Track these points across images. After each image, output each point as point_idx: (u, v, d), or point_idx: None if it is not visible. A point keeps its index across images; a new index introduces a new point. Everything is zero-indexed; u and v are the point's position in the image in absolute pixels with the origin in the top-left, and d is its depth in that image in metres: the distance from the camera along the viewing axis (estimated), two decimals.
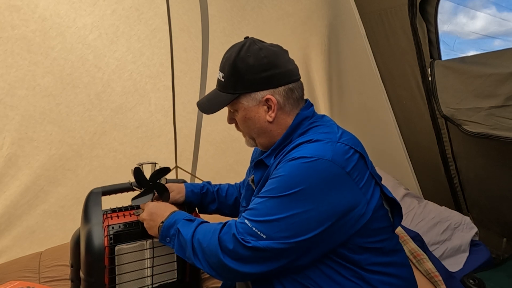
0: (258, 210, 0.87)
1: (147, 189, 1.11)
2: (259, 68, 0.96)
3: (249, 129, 1.04)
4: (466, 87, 1.77)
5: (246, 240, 0.84)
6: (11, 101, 1.72)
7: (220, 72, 1.02)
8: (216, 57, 2.10)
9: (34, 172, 1.84)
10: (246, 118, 1.01)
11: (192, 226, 0.94)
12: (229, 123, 1.09)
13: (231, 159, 2.46)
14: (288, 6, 2.31)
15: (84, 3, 1.76)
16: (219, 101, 1.01)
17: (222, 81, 1.01)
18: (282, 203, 0.85)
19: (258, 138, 1.04)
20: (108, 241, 1.04)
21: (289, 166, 0.87)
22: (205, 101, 1.06)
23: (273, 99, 0.98)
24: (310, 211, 0.83)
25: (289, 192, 0.84)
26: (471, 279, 1.72)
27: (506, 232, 2.05)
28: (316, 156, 0.85)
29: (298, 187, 0.84)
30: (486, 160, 1.94)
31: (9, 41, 1.65)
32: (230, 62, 0.98)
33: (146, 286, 1.11)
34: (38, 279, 1.63)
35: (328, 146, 0.88)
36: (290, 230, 0.83)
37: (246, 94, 0.99)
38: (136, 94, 2.04)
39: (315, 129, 0.98)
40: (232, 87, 0.99)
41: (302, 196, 0.84)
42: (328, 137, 0.92)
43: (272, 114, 0.99)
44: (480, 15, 1.83)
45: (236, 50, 0.98)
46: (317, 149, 0.88)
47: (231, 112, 1.06)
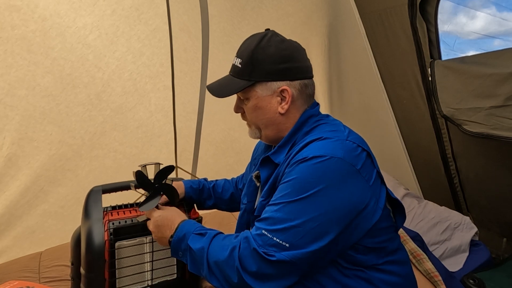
0: (275, 219, 0.83)
1: (153, 193, 1.04)
2: (278, 59, 0.96)
3: (257, 119, 1.02)
4: (466, 87, 1.77)
5: (269, 254, 0.79)
6: (11, 101, 1.72)
7: (237, 58, 1.01)
8: (216, 57, 2.10)
9: (34, 172, 1.84)
10: (257, 107, 1.00)
11: (204, 241, 0.89)
12: (235, 112, 1.08)
13: (231, 159, 2.46)
14: (288, 6, 2.32)
15: (84, 3, 1.76)
16: (233, 86, 0.99)
17: (238, 67, 1.00)
18: (301, 207, 0.81)
19: (265, 130, 1.02)
20: (108, 235, 1.05)
21: (302, 167, 0.84)
22: (216, 85, 1.04)
23: (289, 90, 0.97)
24: (330, 212, 0.81)
25: (306, 195, 0.81)
26: (471, 279, 1.72)
27: (506, 232, 2.05)
28: (328, 155, 0.83)
29: (315, 189, 0.81)
30: (486, 160, 1.94)
31: (9, 41, 1.65)
32: (250, 49, 0.97)
33: (145, 281, 1.12)
34: (38, 279, 1.63)
35: (338, 144, 0.87)
36: (312, 234, 0.80)
37: (261, 83, 0.97)
38: (136, 94, 2.04)
39: (321, 127, 0.97)
40: (248, 74, 0.98)
41: (320, 197, 0.81)
42: (336, 135, 0.90)
43: (285, 106, 0.98)
44: (480, 15, 1.83)
45: (258, 39, 0.98)
46: (327, 147, 0.86)
47: (241, 100, 1.04)
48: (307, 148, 0.88)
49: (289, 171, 0.87)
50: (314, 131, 0.96)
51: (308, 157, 0.84)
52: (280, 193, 0.86)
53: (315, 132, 0.95)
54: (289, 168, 0.87)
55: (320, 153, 0.84)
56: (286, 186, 0.85)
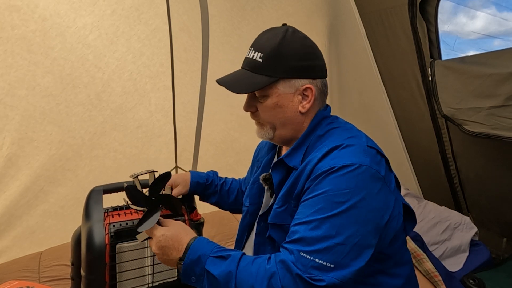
0: (313, 238, 0.75)
1: (151, 208, 0.91)
2: (303, 55, 0.92)
3: (275, 118, 0.95)
4: (466, 87, 1.77)
5: (315, 278, 0.72)
6: (11, 101, 1.72)
7: (257, 52, 0.92)
8: (216, 57, 2.10)
9: (34, 172, 1.84)
10: (277, 106, 0.93)
11: (228, 265, 0.79)
12: (245, 110, 0.99)
13: (231, 159, 2.46)
14: (288, 6, 2.32)
15: (84, 3, 1.76)
16: (254, 82, 0.91)
17: (258, 62, 0.91)
18: (340, 222, 0.75)
19: (281, 129, 0.96)
20: (109, 238, 1.04)
21: (332, 179, 0.79)
22: (232, 80, 0.95)
23: (314, 89, 0.93)
24: (369, 223, 0.77)
25: (344, 208, 0.76)
26: (471, 279, 1.72)
27: (506, 232, 2.05)
28: (356, 163, 0.79)
29: (351, 200, 0.76)
30: (486, 160, 1.94)
31: (9, 41, 1.65)
32: (274, 43, 0.91)
33: (146, 284, 1.11)
34: (38, 278, 1.63)
35: (362, 151, 0.83)
36: (356, 250, 0.75)
37: (285, 80, 0.91)
38: (136, 94, 2.04)
39: (337, 132, 0.93)
40: (272, 70, 0.91)
41: (358, 209, 0.76)
42: (356, 141, 0.86)
43: (307, 105, 0.93)
44: (480, 15, 1.83)
45: (281, 33, 0.92)
46: (353, 155, 0.81)
47: (255, 97, 0.96)
48: (330, 157, 0.83)
49: (316, 183, 0.81)
50: (330, 136, 0.92)
51: (337, 167, 0.79)
52: (311, 209, 0.79)
53: (332, 138, 0.90)
54: (315, 181, 0.81)
55: (348, 162, 0.79)
56: (317, 200, 0.79)
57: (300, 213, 0.81)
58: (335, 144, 0.86)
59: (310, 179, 0.83)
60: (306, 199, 0.82)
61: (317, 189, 0.80)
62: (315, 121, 0.96)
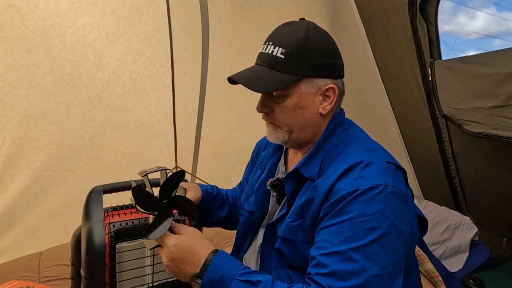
0: (347, 272, 0.70)
1: (162, 212, 0.79)
2: (327, 53, 0.86)
3: (293, 120, 0.87)
4: (466, 87, 1.77)
5: None
6: (11, 101, 1.72)
7: (277, 47, 0.84)
8: (216, 57, 2.10)
9: (34, 172, 1.84)
10: (298, 106, 0.86)
11: None
12: (259, 111, 0.90)
13: (231, 159, 2.46)
14: (288, 6, 2.32)
15: (84, 3, 1.76)
16: (276, 80, 0.83)
17: (279, 58, 0.83)
18: (374, 250, 0.71)
19: (298, 132, 0.88)
20: (109, 238, 1.04)
21: (358, 203, 0.73)
22: (250, 77, 0.86)
23: (336, 89, 0.87)
24: (400, 247, 0.74)
25: (376, 236, 0.71)
26: (471, 279, 1.72)
27: (506, 232, 2.05)
28: (381, 184, 0.74)
29: (382, 226, 0.71)
30: (486, 160, 1.94)
31: (9, 41, 1.65)
32: (298, 38, 0.83)
33: (146, 284, 1.11)
34: (38, 278, 1.63)
35: (383, 169, 0.78)
36: (391, 277, 0.71)
37: (308, 78, 0.84)
38: (136, 94, 2.04)
39: (352, 142, 0.87)
40: (295, 67, 0.83)
41: (390, 234, 0.72)
42: (375, 157, 0.81)
43: (328, 106, 0.87)
44: (480, 15, 1.83)
45: (304, 28, 0.85)
46: (377, 174, 0.77)
47: (271, 97, 0.88)
48: (352, 177, 0.77)
49: (341, 208, 0.75)
50: (346, 148, 0.86)
51: (362, 190, 0.74)
52: (339, 237, 0.73)
53: (350, 151, 0.84)
54: (338, 204, 0.75)
55: (373, 183, 0.74)
56: (344, 227, 0.73)
57: (325, 242, 0.74)
58: (354, 160, 0.80)
59: (331, 202, 0.76)
60: (330, 225, 0.75)
61: (343, 214, 0.74)
62: (331, 126, 0.90)
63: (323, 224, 0.78)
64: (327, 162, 0.86)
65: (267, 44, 0.87)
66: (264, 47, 0.87)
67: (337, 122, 0.91)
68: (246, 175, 1.21)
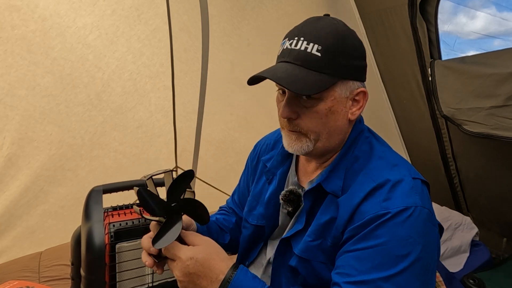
0: None
1: (170, 217, 0.71)
2: (361, 54, 0.79)
3: (322, 127, 0.78)
4: (466, 87, 1.77)
5: None
6: (11, 101, 1.72)
7: (312, 43, 0.74)
8: (216, 57, 2.10)
9: (34, 172, 1.84)
10: (330, 112, 0.77)
11: None
12: (286, 116, 0.78)
13: (231, 159, 2.45)
14: (288, 6, 2.32)
15: (84, 3, 1.76)
16: (317, 81, 0.73)
17: (316, 56, 0.73)
18: (405, 280, 0.66)
19: (326, 140, 0.79)
20: (109, 238, 1.04)
21: (389, 227, 0.68)
22: (287, 77, 0.74)
23: (367, 93, 0.80)
24: (429, 272, 0.70)
25: (408, 264, 0.66)
26: (471, 279, 1.72)
27: (506, 232, 2.05)
28: (411, 205, 0.69)
29: (414, 252, 0.66)
30: (486, 160, 1.94)
31: (9, 41, 1.65)
32: (335, 35, 0.75)
33: (146, 284, 1.11)
34: (38, 278, 1.63)
35: (412, 188, 0.73)
36: None
37: (343, 81, 0.76)
38: (136, 94, 2.04)
39: (374, 154, 0.81)
40: (332, 67, 0.74)
41: (422, 260, 0.67)
42: (403, 174, 0.76)
43: (357, 112, 0.80)
44: (480, 15, 1.83)
45: (339, 24, 0.77)
46: (406, 195, 0.71)
47: (299, 100, 0.77)
48: (380, 198, 0.72)
49: (369, 231, 0.69)
50: (369, 161, 0.79)
51: (393, 213, 0.68)
52: (367, 264, 0.67)
53: (374, 166, 0.78)
54: (366, 227, 0.70)
55: (404, 206, 0.69)
56: (373, 253, 0.68)
57: (351, 268, 0.69)
58: (381, 178, 0.74)
59: (357, 225, 0.71)
60: (356, 249, 0.70)
61: (370, 238, 0.68)
62: (354, 134, 0.83)
63: (347, 248, 0.72)
64: (349, 176, 0.79)
65: (296, 39, 0.76)
66: (292, 42, 0.76)
67: (358, 130, 0.85)
68: (245, 182, 1.11)
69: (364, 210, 0.71)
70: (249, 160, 1.10)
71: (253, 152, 1.09)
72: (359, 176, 0.77)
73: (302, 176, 0.91)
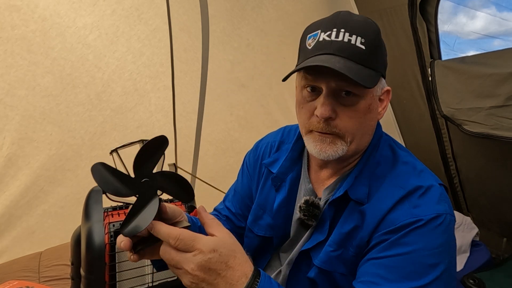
0: None
1: (142, 196, 0.57)
2: (386, 52, 0.76)
3: (360, 127, 0.72)
4: (466, 87, 1.77)
5: None
6: (11, 101, 1.72)
7: (355, 36, 0.67)
8: (216, 57, 2.10)
9: (34, 172, 1.84)
10: (369, 110, 0.72)
11: None
12: (326, 116, 0.70)
13: (231, 159, 2.45)
14: (288, 6, 2.32)
15: (84, 3, 1.76)
16: (368, 75, 0.68)
17: (361, 49, 0.67)
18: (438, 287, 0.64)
19: (359, 141, 0.74)
20: (108, 238, 1.04)
21: (421, 235, 0.65)
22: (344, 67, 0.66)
23: (391, 92, 0.77)
24: (454, 280, 0.68)
25: (439, 273, 0.63)
26: (471, 279, 1.72)
27: (506, 232, 2.05)
28: (441, 213, 0.67)
29: (444, 261, 0.65)
30: (486, 160, 1.94)
31: (9, 41, 1.65)
32: (374, 29, 0.70)
33: (146, 283, 1.11)
34: (38, 278, 1.63)
35: (440, 195, 0.70)
36: None
37: (380, 77, 0.73)
38: (136, 94, 2.04)
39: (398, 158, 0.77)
40: (374, 62, 0.70)
41: (450, 269, 0.66)
42: (431, 180, 0.72)
43: (382, 111, 0.76)
44: (480, 15, 1.83)
45: (370, 20, 0.72)
46: (436, 202, 0.69)
47: (338, 98, 0.71)
48: (410, 205, 0.68)
49: (398, 238, 0.66)
50: (392, 167, 0.75)
51: (425, 220, 0.65)
52: (397, 273, 0.64)
53: (399, 173, 0.74)
54: (395, 234, 0.66)
55: (435, 213, 0.66)
56: (403, 261, 0.64)
57: (377, 277, 0.65)
58: (411, 185, 0.70)
59: (386, 231, 0.67)
60: (383, 257, 0.66)
61: (400, 245, 0.65)
62: (376, 138, 0.79)
63: (372, 255, 0.68)
64: (372, 182, 0.74)
65: (335, 31, 0.68)
66: (331, 33, 0.69)
67: (379, 134, 0.80)
68: (245, 186, 1.01)
69: (393, 217, 0.68)
70: (248, 162, 1.01)
71: (254, 155, 1.00)
72: (384, 182, 0.73)
73: (314, 183, 0.85)
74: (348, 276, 0.73)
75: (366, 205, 0.72)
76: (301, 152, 0.88)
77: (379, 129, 0.80)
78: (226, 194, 1.07)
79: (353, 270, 0.73)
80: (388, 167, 0.75)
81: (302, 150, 0.88)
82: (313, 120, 0.73)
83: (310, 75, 0.71)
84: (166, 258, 0.57)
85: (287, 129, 0.98)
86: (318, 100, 0.72)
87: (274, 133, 1.01)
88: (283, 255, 0.88)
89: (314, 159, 0.85)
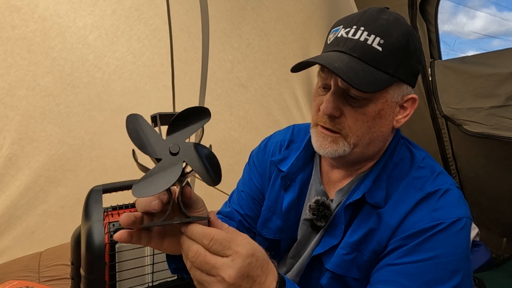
0: None
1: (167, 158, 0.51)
2: (418, 56, 0.71)
3: (367, 131, 0.71)
4: (467, 87, 1.77)
5: None
6: (11, 101, 1.72)
7: (373, 36, 0.65)
8: (216, 57, 2.10)
9: (34, 172, 1.84)
10: (379, 116, 0.70)
11: None
12: (328, 113, 0.70)
13: (231, 159, 2.45)
14: (288, 6, 2.31)
15: (84, 3, 1.76)
16: (375, 78, 0.66)
17: (377, 51, 0.65)
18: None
19: (365, 146, 0.73)
20: (108, 238, 1.04)
21: (442, 239, 0.63)
22: (346, 69, 0.65)
23: (416, 101, 0.73)
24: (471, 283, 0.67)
25: (460, 278, 0.62)
26: None
27: (506, 232, 2.05)
28: (462, 216, 0.66)
29: (465, 266, 0.64)
30: (486, 160, 1.94)
31: (9, 41, 1.65)
32: (402, 31, 0.67)
33: (146, 283, 1.11)
34: (38, 278, 1.63)
35: (459, 197, 0.69)
36: None
37: (399, 83, 0.69)
38: (136, 94, 2.04)
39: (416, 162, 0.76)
40: (392, 66, 0.66)
41: (469, 274, 0.65)
42: (449, 182, 0.71)
43: (403, 120, 0.74)
44: (480, 15, 1.83)
45: (404, 19, 0.69)
46: (456, 205, 0.67)
47: (346, 98, 0.70)
48: (430, 208, 0.67)
49: (419, 243, 0.64)
50: (410, 169, 0.74)
51: (446, 224, 0.64)
52: (418, 279, 0.62)
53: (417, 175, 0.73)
54: (415, 239, 0.65)
55: (456, 216, 0.65)
56: (423, 267, 0.62)
57: (397, 284, 0.63)
58: (430, 187, 0.69)
59: (405, 236, 0.66)
60: (402, 263, 0.64)
61: (420, 251, 0.63)
62: (394, 143, 0.78)
63: (390, 261, 0.66)
64: (389, 184, 0.73)
65: (355, 28, 0.67)
66: (350, 31, 0.68)
67: (397, 138, 0.79)
68: (254, 185, 0.95)
69: (413, 220, 0.66)
70: (257, 161, 0.96)
71: (262, 154, 0.95)
72: (401, 184, 0.72)
73: (325, 184, 0.83)
74: (361, 280, 0.71)
75: (385, 208, 0.71)
76: (313, 152, 0.85)
77: (397, 134, 0.79)
78: (230, 197, 1.02)
79: (367, 274, 0.71)
80: (405, 169, 0.74)
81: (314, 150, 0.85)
82: (320, 114, 0.73)
83: (323, 72, 0.71)
84: (198, 261, 0.48)
85: (296, 128, 0.96)
86: (325, 96, 0.72)
87: (283, 132, 0.98)
88: (291, 261, 0.86)
89: (325, 159, 0.83)
